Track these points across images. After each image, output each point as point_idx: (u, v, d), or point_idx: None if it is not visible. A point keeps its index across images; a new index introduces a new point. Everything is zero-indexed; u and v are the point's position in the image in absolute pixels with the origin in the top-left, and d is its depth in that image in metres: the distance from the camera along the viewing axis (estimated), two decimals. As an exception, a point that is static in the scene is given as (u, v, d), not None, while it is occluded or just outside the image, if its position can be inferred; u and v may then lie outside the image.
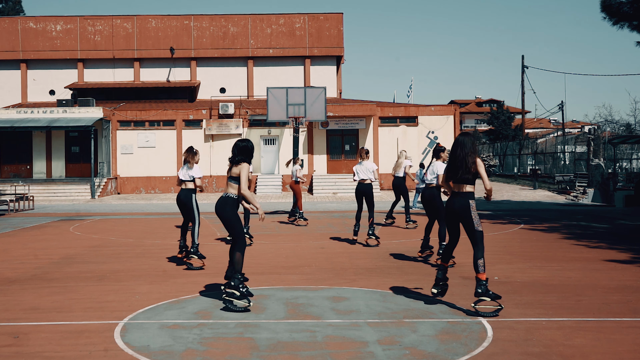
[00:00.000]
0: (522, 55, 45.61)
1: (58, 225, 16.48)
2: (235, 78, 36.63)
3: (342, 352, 5.25)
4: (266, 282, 8.25)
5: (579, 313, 6.50)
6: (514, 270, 8.96)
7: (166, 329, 6.00)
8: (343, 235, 13.20)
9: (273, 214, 18.95)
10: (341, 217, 17.75)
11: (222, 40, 36.37)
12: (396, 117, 32.28)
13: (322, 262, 9.80)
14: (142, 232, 14.44)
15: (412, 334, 5.73)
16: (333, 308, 6.75)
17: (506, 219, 16.66)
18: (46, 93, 36.69)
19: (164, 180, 31.51)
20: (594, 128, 32.29)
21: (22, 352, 5.37)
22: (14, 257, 10.71)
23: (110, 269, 9.43)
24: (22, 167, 32.28)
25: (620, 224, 15.38)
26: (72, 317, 6.53)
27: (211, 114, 31.84)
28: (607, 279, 8.31)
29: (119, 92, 36.20)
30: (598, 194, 24.01)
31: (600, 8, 20.80)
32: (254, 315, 6.47)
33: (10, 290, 7.95)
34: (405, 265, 9.44)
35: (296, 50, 36.34)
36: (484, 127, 75.32)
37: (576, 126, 68.19)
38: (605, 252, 10.70)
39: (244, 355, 5.20)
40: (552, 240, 12.31)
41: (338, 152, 32.16)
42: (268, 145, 32.07)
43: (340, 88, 38.53)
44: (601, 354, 5.17)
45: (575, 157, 33.18)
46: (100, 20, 36.38)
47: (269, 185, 30.56)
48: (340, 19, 36.64)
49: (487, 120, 69.42)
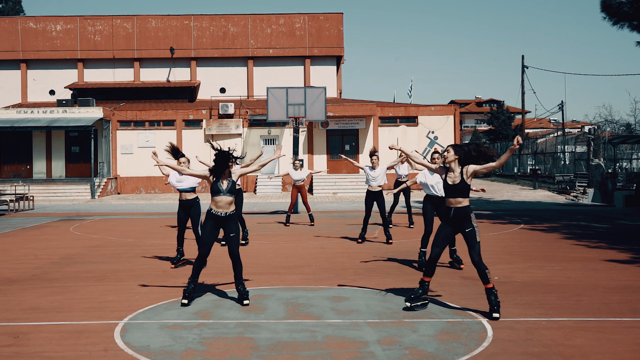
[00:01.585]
0: (522, 55, 45.59)
1: (58, 225, 16.47)
2: (235, 78, 36.63)
3: (342, 352, 5.25)
4: (266, 282, 8.25)
5: (579, 313, 6.50)
6: (514, 270, 8.95)
7: (166, 329, 6.00)
8: (343, 235, 13.20)
9: (273, 214, 18.95)
10: (341, 217, 17.75)
11: (222, 40, 36.37)
12: (396, 117, 32.28)
13: (322, 262, 9.79)
14: (142, 232, 14.43)
15: (412, 334, 5.73)
16: (333, 308, 6.75)
17: (506, 219, 16.65)
18: (46, 93, 36.70)
19: (164, 180, 31.48)
20: (594, 128, 32.27)
21: (22, 352, 5.37)
22: (14, 257, 10.70)
23: (110, 269, 9.43)
24: (22, 167, 32.28)
25: (620, 224, 15.37)
26: (72, 317, 6.53)
27: (211, 114, 31.83)
28: (607, 279, 8.31)
29: (119, 92, 36.20)
30: (598, 194, 24.00)
31: (600, 8, 20.82)
32: (254, 315, 6.47)
33: (10, 290, 7.94)
34: (405, 266, 9.44)
35: (296, 50, 36.35)
36: (484, 127, 75.30)
37: (576, 126, 68.21)
38: (605, 252, 10.69)
39: (244, 355, 5.20)
40: (552, 240, 12.31)
41: (338, 152, 32.14)
42: (268, 145, 32.05)
43: (340, 88, 38.53)
44: (601, 354, 5.17)
45: (575, 157, 33.18)
46: (100, 20, 36.38)
47: (269, 185, 30.56)
48: (340, 19, 36.64)
49: (487, 120, 69.38)
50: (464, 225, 6.44)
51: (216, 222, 6.99)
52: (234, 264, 7.04)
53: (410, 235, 13.25)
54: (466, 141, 69.95)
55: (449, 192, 6.50)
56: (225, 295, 7.45)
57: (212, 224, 6.98)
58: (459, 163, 6.50)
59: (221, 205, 6.94)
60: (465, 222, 6.44)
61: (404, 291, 7.55)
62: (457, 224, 6.49)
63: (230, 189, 6.93)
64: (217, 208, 6.95)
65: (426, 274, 6.65)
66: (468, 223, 6.44)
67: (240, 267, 7.05)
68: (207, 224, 6.99)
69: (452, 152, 6.51)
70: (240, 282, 7.04)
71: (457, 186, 6.43)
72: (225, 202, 6.94)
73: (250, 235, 13.26)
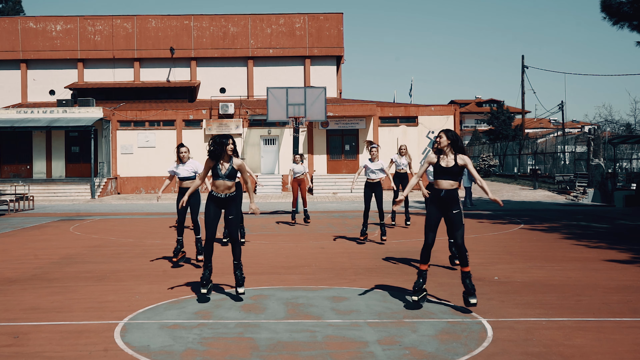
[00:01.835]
0: (522, 55, 45.61)
1: (58, 225, 16.47)
2: (235, 78, 36.63)
3: (342, 352, 5.25)
4: (266, 282, 8.25)
5: (579, 313, 6.50)
6: (514, 270, 8.95)
7: (166, 329, 6.00)
8: (343, 235, 13.20)
9: (273, 214, 18.95)
10: (341, 217, 17.74)
11: (222, 40, 36.37)
12: (396, 117, 32.28)
13: (322, 262, 9.79)
14: (142, 232, 14.43)
15: (412, 334, 5.72)
16: (333, 308, 6.75)
17: (506, 219, 16.65)
18: (46, 93, 36.70)
19: (164, 180, 31.48)
20: (594, 128, 32.27)
21: (22, 352, 5.37)
22: (14, 257, 10.70)
23: (110, 269, 9.43)
24: (22, 167, 32.28)
25: (620, 224, 15.37)
26: (72, 317, 6.53)
27: (211, 114, 31.84)
28: (607, 279, 8.31)
29: (119, 92, 36.20)
30: (598, 194, 24.00)
31: (600, 8, 20.81)
32: (254, 315, 6.47)
33: (10, 290, 7.94)
34: (405, 265, 9.43)
35: (296, 50, 36.35)
36: (484, 127, 75.32)
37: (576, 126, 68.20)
38: (605, 252, 10.69)
39: (244, 355, 5.20)
40: (552, 240, 12.31)
41: (338, 152, 32.16)
42: (268, 145, 32.06)
43: (340, 88, 38.53)
44: (601, 354, 5.17)
45: (575, 157, 33.16)
46: (100, 20, 36.38)
47: (269, 185, 30.57)
48: (340, 19, 36.65)
49: (487, 120, 69.41)
50: (453, 207, 6.63)
51: (217, 203, 7.26)
52: (232, 247, 7.29)
53: (410, 235, 13.24)
54: (466, 141, 70.00)
55: (441, 174, 6.65)
56: (225, 295, 7.45)
57: (213, 206, 7.26)
58: (452, 148, 6.67)
59: (221, 189, 7.22)
60: (453, 204, 6.64)
61: (404, 291, 7.55)
62: (446, 206, 6.65)
63: (229, 174, 7.17)
64: (217, 190, 7.24)
65: (422, 261, 6.75)
66: (456, 205, 6.65)
67: (239, 250, 7.27)
68: (209, 206, 7.25)
69: (444, 137, 6.69)
70: (238, 267, 7.24)
71: (451, 169, 6.62)
72: (224, 186, 7.20)
73: (251, 235, 13.26)
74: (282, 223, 16.07)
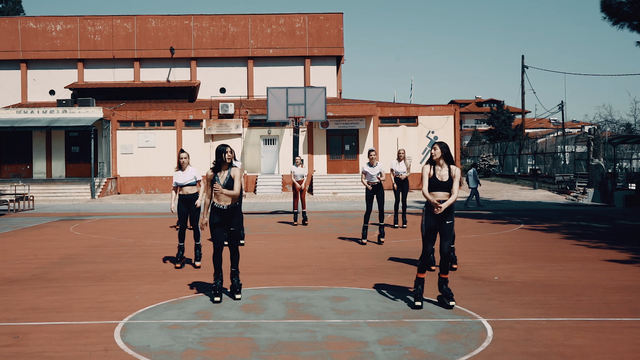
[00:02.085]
0: (522, 55, 45.63)
1: (58, 225, 16.47)
2: (235, 78, 36.63)
3: (342, 352, 5.25)
4: (266, 282, 8.25)
5: (579, 313, 6.50)
6: (514, 270, 8.95)
7: (166, 329, 6.00)
8: (343, 235, 13.19)
9: (273, 214, 18.95)
10: (341, 217, 17.74)
11: (222, 40, 36.37)
12: (396, 117, 32.27)
13: (322, 262, 9.79)
14: (142, 232, 14.43)
15: (412, 334, 5.73)
16: (333, 308, 6.75)
17: (506, 219, 16.65)
18: (46, 93, 36.69)
19: (164, 180, 31.49)
20: (594, 128, 32.25)
21: (22, 352, 5.37)
22: (14, 257, 10.70)
23: (110, 269, 9.43)
24: (22, 167, 32.28)
25: (620, 224, 15.37)
26: (72, 317, 6.53)
27: (211, 114, 31.83)
28: (607, 279, 8.31)
29: (119, 92, 36.20)
30: (598, 194, 24.00)
31: (600, 8, 20.80)
32: (254, 315, 6.47)
33: (10, 290, 7.94)
34: (405, 265, 9.43)
35: (296, 50, 36.34)
36: (484, 127, 75.30)
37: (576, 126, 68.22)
38: (605, 252, 10.69)
39: (244, 355, 5.20)
40: (552, 240, 12.31)
41: (338, 152, 32.15)
42: (268, 145, 32.06)
43: (340, 88, 38.52)
44: (601, 354, 5.17)
45: (575, 157, 33.17)
46: (100, 20, 36.38)
47: (269, 185, 30.56)
48: (340, 19, 36.64)
49: (487, 120, 69.37)
50: (447, 217, 6.84)
51: (220, 215, 7.22)
52: (231, 255, 7.31)
53: (411, 235, 13.24)
54: (466, 141, 70.03)
55: (437, 188, 6.84)
56: (225, 295, 7.45)
57: (217, 218, 7.22)
58: (445, 160, 6.86)
59: (221, 199, 7.20)
60: (448, 215, 6.83)
61: (404, 291, 7.56)
62: (441, 216, 6.83)
63: (227, 183, 7.13)
64: (218, 201, 7.22)
65: (421, 270, 6.86)
66: (450, 216, 6.87)
67: (237, 258, 7.31)
68: (213, 220, 7.22)
69: (438, 149, 6.86)
70: (235, 275, 7.26)
71: (447, 183, 6.81)
72: (223, 195, 7.17)
73: (251, 235, 13.27)
74: (282, 223, 16.07)
